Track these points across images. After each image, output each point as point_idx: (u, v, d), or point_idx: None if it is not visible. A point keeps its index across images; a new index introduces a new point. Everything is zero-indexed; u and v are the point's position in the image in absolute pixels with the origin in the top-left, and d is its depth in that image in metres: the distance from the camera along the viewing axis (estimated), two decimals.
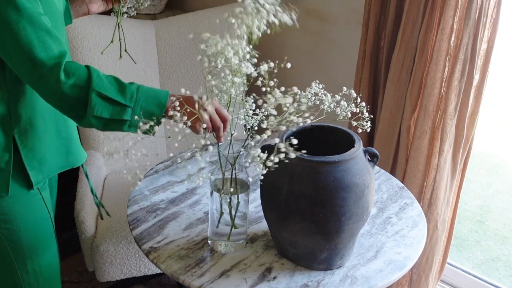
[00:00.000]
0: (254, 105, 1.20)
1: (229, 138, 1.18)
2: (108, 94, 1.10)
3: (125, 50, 1.45)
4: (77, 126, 1.41)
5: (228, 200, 1.22)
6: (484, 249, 2.66)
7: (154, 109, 1.14)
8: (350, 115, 1.14)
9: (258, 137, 1.13)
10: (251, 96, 1.18)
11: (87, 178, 1.57)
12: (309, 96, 1.12)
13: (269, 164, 1.03)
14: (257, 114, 1.19)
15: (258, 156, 1.03)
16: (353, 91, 1.14)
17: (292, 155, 1.02)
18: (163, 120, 1.15)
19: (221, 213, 1.23)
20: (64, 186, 1.57)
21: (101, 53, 1.55)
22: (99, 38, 2.03)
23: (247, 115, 1.16)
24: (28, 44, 1.06)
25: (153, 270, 1.88)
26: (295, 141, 1.04)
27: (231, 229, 1.25)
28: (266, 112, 1.12)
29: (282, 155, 1.03)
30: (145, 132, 1.13)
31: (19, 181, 1.26)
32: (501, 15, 1.64)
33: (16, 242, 1.31)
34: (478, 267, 2.51)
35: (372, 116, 1.18)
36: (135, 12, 1.49)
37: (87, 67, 1.11)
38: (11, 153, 1.23)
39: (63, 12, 1.35)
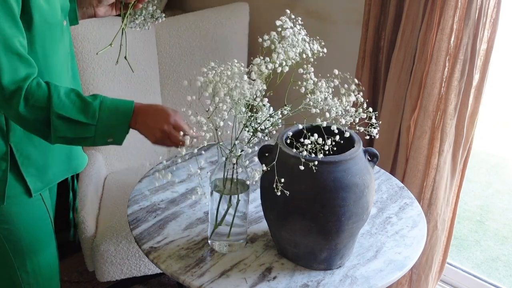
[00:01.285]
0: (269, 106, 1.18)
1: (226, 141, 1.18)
2: (69, 115, 1.11)
3: (125, 57, 1.41)
4: None
5: (228, 200, 1.22)
6: (484, 249, 2.66)
7: (118, 122, 1.16)
8: (357, 121, 1.14)
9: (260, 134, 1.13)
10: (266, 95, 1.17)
11: (75, 190, 1.58)
12: (319, 100, 1.12)
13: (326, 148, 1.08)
14: (272, 116, 1.18)
15: (316, 141, 1.07)
16: (360, 95, 1.13)
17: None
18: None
19: (222, 215, 1.23)
20: (65, 186, 1.56)
21: (96, 54, 1.53)
22: (99, 39, 2.03)
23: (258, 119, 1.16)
24: None
25: (153, 270, 1.88)
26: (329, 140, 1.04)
27: (230, 229, 1.25)
28: (280, 113, 1.13)
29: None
30: (112, 143, 1.17)
31: (19, 188, 1.26)
32: (501, 15, 1.64)
33: (15, 242, 1.31)
34: (478, 267, 2.51)
35: (380, 122, 1.17)
36: (149, 26, 1.45)
37: (49, 87, 1.11)
38: (8, 162, 1.23)
39: (69, 13, 1.35)
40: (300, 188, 1.13)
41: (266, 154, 1.22)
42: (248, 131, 1.15)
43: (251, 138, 1.16)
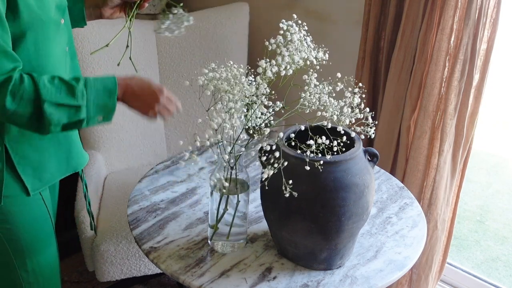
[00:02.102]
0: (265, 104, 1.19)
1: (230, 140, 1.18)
2: (59, 101, 1.11)
3: (130, 58, 1.40)
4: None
5: (230, 200, 1.22)
6: (484, 249, 2.66)
7: (106, 100, 1.16)
8: (354, 121, 1.14)
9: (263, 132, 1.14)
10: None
11: (85, 185, 1.57)
12: (313, 100, 1.12)
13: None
14: (263, 114, 1.19)
15: (323, 142, 1.08)
16: (357, 97, 1.14)
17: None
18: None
19: (221, 215, 1.23)
20: (65, 186, 1.56)
21: (90, 54, 1.52)
22: (99, 39, 2.03)
23: (256, 116, 1.16)
24: None
25: (153, 270, 1.88)
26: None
27: (230, 229, 1.25)
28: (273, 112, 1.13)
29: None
30: (102, 122, 1.18)
31: (17, 188, 1.26)
32: (501, 15, 1.64)
33: (15, 241, 1.31)
34: (478, 267, 2.51)
35: (376, 122, 1.18)
36: (181, 31, 1.42)
37: (32, 78, 1.10)
38: (3, 162, 1.23)
39: (76, 13, 1.36)
40: (300, 188, 1.13)
41: (267, 155, 1.22)
42: (245, 129, 1.15)
43: (249, 140, 1.16)
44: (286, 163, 1.10)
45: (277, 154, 1.10)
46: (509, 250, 2.66)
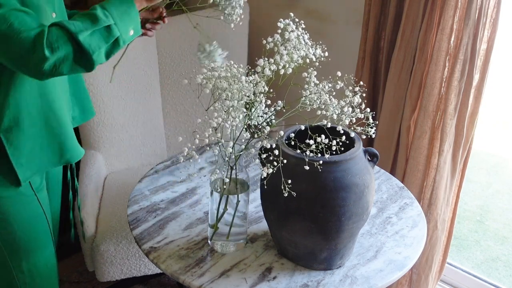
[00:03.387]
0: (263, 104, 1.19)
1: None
2: (89, 28, 1.12)
3: (114, 67, 1.42)
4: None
5: (230, 200, 1.22)
6: (484, 249, 2.66)
7: (127, 9, 1.18)
8: (354, 121, 1.14)
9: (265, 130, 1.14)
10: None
11: (76, 190, 1.57)
12: (315, 98, 1.12)
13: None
14: (265, 113, 1.18)
15: (321, 141, 1.08)
16: (357, 97, 1.13)
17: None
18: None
19: (221, 215, 1.23)
20: (66, 186, 1.57)
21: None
22: None
23: (258, 115, 1.16)
24: (9, 25, 1.07)
25: (153, 270, 1.88)
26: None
27: (230, 229, 1.25)
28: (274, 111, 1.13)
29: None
30: (134, 36, 1.22)
31: (8, 179, 1.26)
32: (501, 15, 1.64)
33: (11, 242, 1.31)
34: (478, 267, 2.51)
35: (377, 122, 1.17)
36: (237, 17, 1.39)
37: (56, 24, 1.12)
38: None
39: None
40: (300, 188, 1.13)
41: (267, 155, 1.22)
42: (245, 129, 1.15)
43: (250, 139, 1.16)
44: (285, 161, 1.10)
45: (276, 152, 1.10)
46: (509, 250, 2.65)
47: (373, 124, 1.14)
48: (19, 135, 1.24)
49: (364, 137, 1.16)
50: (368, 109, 1.14)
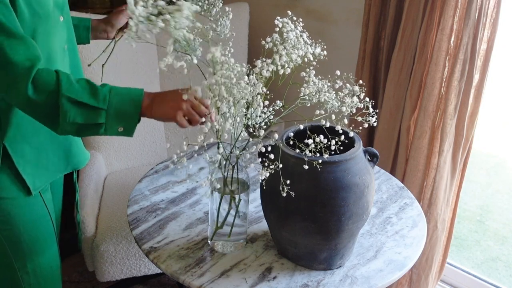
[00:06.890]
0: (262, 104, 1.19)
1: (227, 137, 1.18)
2: (79, 98, 1.08)
3: (102, 65, 1.43)
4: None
5: (229, 200, 1.22)
6: (484, 249, 2.66)
7: (129, 108, 1.12)
8: (354, 111, 1.14)
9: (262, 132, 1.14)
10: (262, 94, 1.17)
11: (76, 188, 1.57)
12: (314, 93, 1.12)
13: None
14: (264, 113, 1.18)
15: (320, 141, 1.08)
16: (356, 87, 1.13)
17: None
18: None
19: (223, 216, 1.23)
20: (69, 186, 1.57)
21: (88, 65, 1.55)
22: (98, 41, 2.03)
23: (257, 115, 1.16)
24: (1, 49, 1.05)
25: (153, 270, 1.88)
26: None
27: (231, 229, 1.25)
28: (273, 111, 1.13)
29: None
30: (123, 134, 1.13)
31: (16, 188, 1.26)
32: (501, 15, 1.64)
33: (15, 243, 1.31)
34: (478, 267, 2.51)
35: (377, 111, 1.17)
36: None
37: (56, 72, 1.10)
38: (1, 161, 1.23)
39: (82, 30, 1.41)
40: (300, 188, 1.13)
41: (266, 155, 1.22)
42: (244, 128, 1.15)
43: (249, 139, 1.16)
44: (283, 165, 1.10)
45: (272, 156, 1.10)
46: (509, 250, 2.65)
47: (374, 113, 1.12)
48: (24, 145, 1.24)
49: (366, 125, 1.14)
50: (368, 99, 1.13)
